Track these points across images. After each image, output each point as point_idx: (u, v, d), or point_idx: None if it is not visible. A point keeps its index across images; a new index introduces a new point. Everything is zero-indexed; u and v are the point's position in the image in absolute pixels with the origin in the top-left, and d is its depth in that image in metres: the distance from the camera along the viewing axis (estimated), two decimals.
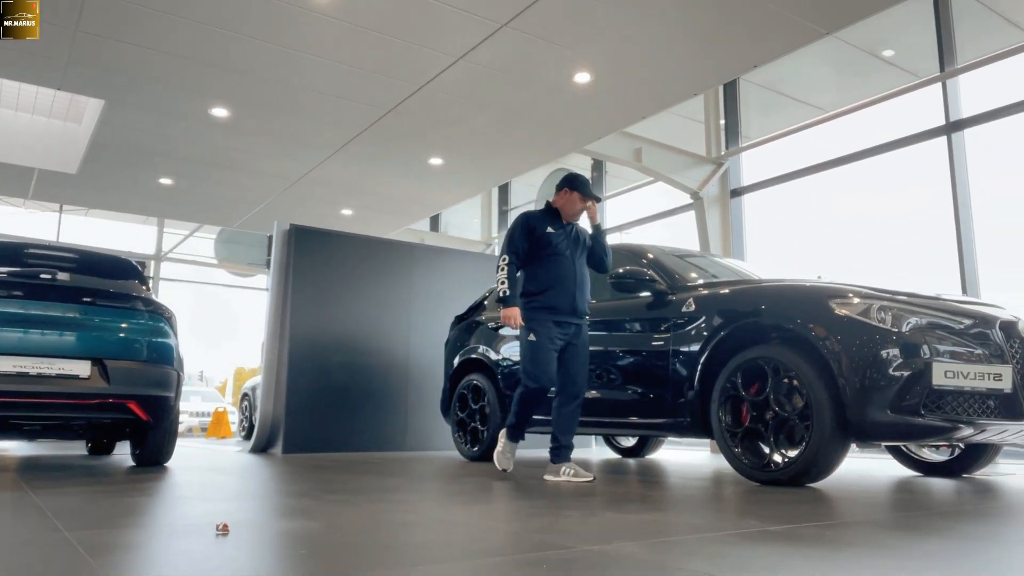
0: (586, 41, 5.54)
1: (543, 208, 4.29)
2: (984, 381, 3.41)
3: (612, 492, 3.31)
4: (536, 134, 7.42)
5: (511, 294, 4.02)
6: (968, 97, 6.62)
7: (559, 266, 4.08)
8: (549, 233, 4.12)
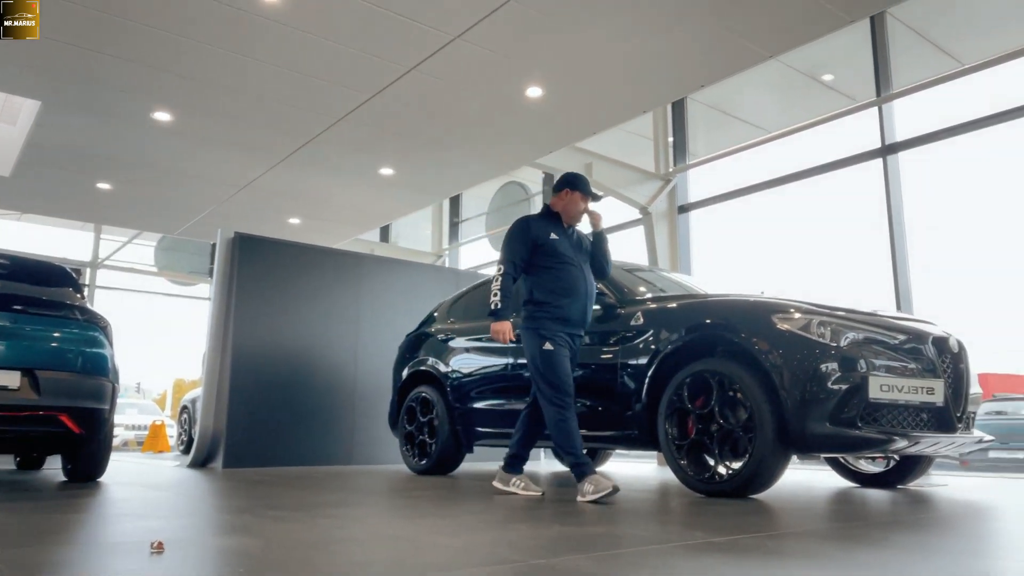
0: (538, 56, 5.59)
1: (541, 212, 4.04)
2: (918, 395, 3.54)
3: (561, 505, 3.31)
4: (488, 146, 7.45)
5: (503, 307, 3.77)
6: (902, 121, 6.91)
7: (570, 276, 3.84)
8: (554, 240, 3.87)
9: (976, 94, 6.54)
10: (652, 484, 4.74)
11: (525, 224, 3.93)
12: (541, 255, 3.85)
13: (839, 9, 4.93)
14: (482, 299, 5.66)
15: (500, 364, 5.04)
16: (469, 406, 5.20)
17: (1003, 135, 6.40)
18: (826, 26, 5.21)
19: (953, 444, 3.70)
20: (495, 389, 5.07)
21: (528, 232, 3.88)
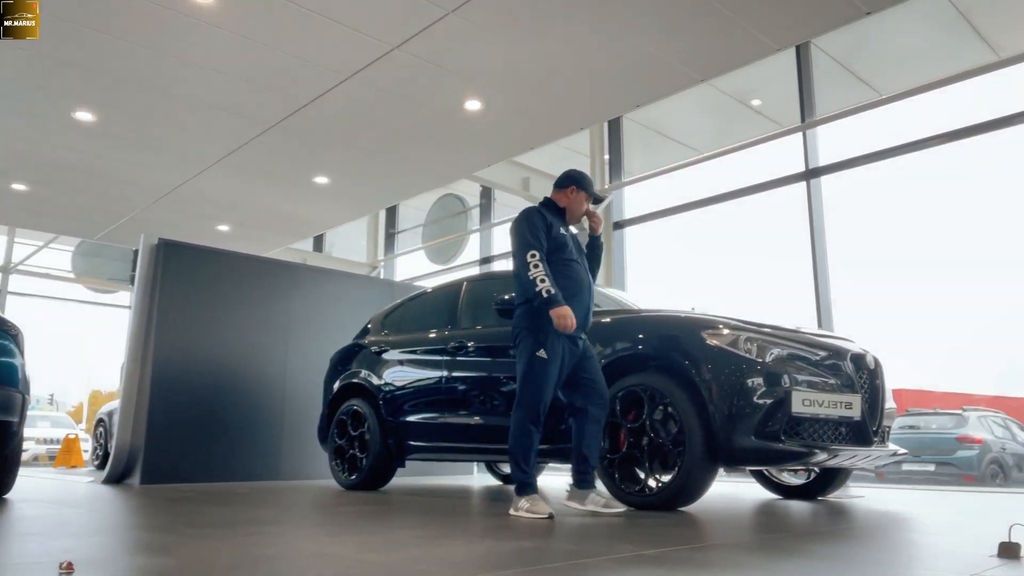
0: (477, 70, 5.62)
1: (545, 205, 3.79)
2: (837, 409, 3.67)
3: (492, 520, 3.29)
4: (426, 158, 7.42)
5: (557, 291, 3.40)
6: (825, 147, 7.23)
7: (576, 275, 3.63)
8: (564, 235, 3.67)
9: (893, 123, 6.91)
10: None
11: (539, 213, 3.65)
12: (553, 250, 3.60)
13: (767, 38, 5.13)
14: (418, 311, 5.62)
15: (435, 377, 5.00)
16: (402, 419, 5.13)
17: (918, 161, 6.77)
18: (755, 53, 5.40)
19: (869, 457, 3.86)
20: (429, 402, 5.02)
21: (544, 220, 3.62)
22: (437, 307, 5.42)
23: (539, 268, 3.44)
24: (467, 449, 4.82)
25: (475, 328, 4.97)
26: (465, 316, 5.14)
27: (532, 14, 4.89)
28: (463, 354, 4.83)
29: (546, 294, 3.39)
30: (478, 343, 4.79)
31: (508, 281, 4.92)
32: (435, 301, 5.52)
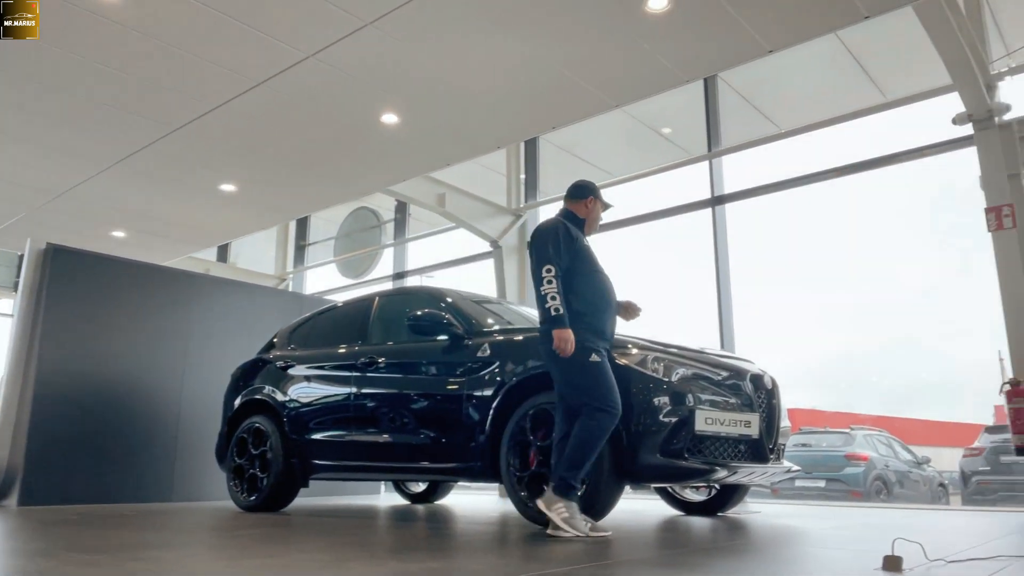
0: (395, 84, 5.57)
1: (565, 216, 3.75)
2: (736, 427, 3.81)
3: (399, 539, 3.22)
4: (340, 169, 7.28)
5: (564, 312, 3.35)
6: (729, 176, 7.56)
7: (605, 286, 3.62)
8: (587, 246, 3.68)
9: (792, 156, 7.31)
10: (492, 516, 4.74)
11: (564, 227, 3.61)
12: (580, 261, 3.57)
13: (678, 69, 5.34)
14: (327, 326, 5.48)
15: (344, 393, 4.87)
16: (308, 437, 4.97)
17: (815, 193, 7.18)
18: (666, 83, 5.60)
19: (766, 473, 4.02)
20: (337, 420, 4.88)
21: (569, 234, 3.60)
22: (347, 322, 5.30)
23: (552, 285, 3.39)
24: (375, 468, 4.71)
25: (387, 344, 4.90)
26: (376, 332, 5.05)
27: (452, 31, 4.91)
28: (373, 370, 4.74)
29: (554, 312, 3.35)
30: (390, 359, 4.71)
31: (421, 297, 4.88)
32: (345, 316, 5.40)
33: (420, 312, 4.43)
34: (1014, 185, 5.52)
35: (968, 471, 11.19)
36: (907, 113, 6.56)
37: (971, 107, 5.71)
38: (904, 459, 11.80)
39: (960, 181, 5.81)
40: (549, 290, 3.39)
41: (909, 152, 6.43)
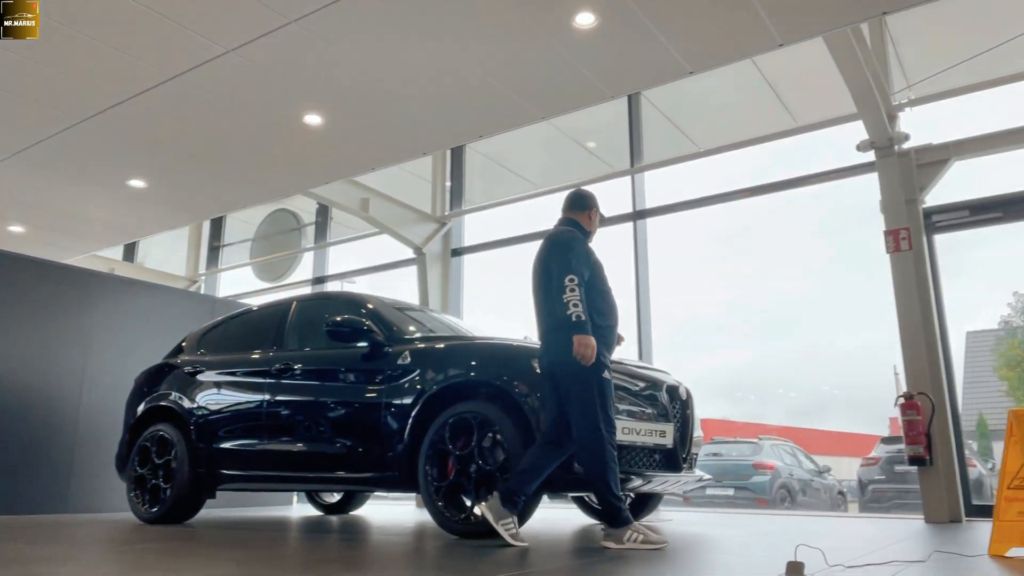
0: (319, 84, 5.46)
1: (574, 227, 3.70)
2: (652, 437, 3.89)
3: (310, 552, 3.12)
4: (259, 169, 7.06)
5: (587, 319, 3.35)
6: (651, 191, 7.75)
7: (613, 300, 3.63)
8: (599, 261, 3.65)
9: (711, 174, 7.56)
10: (408, 527, 4.67)
11: (582, 240, 3.60)
12: (596, 276, 3.56)
13: (603, 85, 5.44)
14: (241, 330, 5.28)
15: (256, 401, 4.71)
16: (216, 446, 4.77)
17: (732, 210, 7.44)
18: (591, 98, 5.70)
19: (680, 482, 4.12)
20: (249, 428, 4.71)
21: (587, 247, 3.59)
22: (263, 327, 5.14)
23: (575, 293, 3.36)
24: (289, 478, 4.57)
25: (304, 350, 4.77)
26: (293, 337, 4.91)
27: (380, 35, 4.85)
28: (289, 377, 4.60)
29: (576, 319, 3.32)
30: (306, 366, 4.59)
31: (341, 303, 4.78)
32: (260, 320, 5.23)
33: (340, 318, 4.33)
34: (911, 210, 5.88)
35: (865, 480, 11.81)
36: (821, 137, 6.90)
37: (874, 135, 6.06)
38: (807, 468, 12.35)
39: (868, 203, 6.15)
40: (572, 298, 3.35)
41: (819, 175, 6.76)
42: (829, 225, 40.82)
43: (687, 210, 7.50)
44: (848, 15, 4.55)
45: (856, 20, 4.69)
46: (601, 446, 3.29)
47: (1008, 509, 3.12)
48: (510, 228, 8.74)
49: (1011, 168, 6.03)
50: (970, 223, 5.93)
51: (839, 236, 40.49)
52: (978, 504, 5.55)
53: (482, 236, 8.97)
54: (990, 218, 5.90)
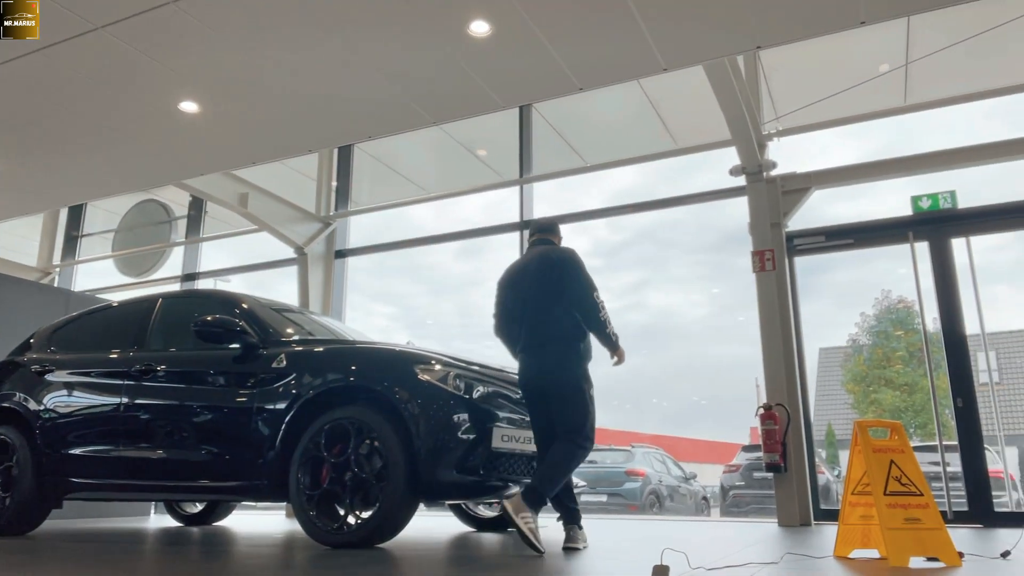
0: (197, 71, 5.17)
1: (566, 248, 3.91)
2: (530, 445, 3.94)
3: (166, 567, 2.92)
4: (127, 156, 6.59)
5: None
6: (539, 203, 7.89)
7: None
8: None
9: (598, 189, 7.79)
10: (277, 538, 4.48)
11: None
12: None
13: (496, 94, 5.48)
14: (98, 327, 4.90)
15: (112, 404, 4.38)
16: (65, 452, 4.40)
17: (613, 225, 7.69)
18: (484, 107, 5.72)
19: None
20: (103, 433, 4.37)
21: None
22: (123, 324, 4.79)
23: (607, 311, 3.72)
24: (147, 487, 4.27)
25: (169, 351, 4.48)
26: (157, 337, 4.61)
27: (267, 25, 4.65)
28: (151, 379, 4.31)
29: (615, 335, 3.74)
30: (171, 367, 4.32)
31: (214, 302, 4.53)
32: (121, 317, 4.88)
33: (210, 317, 4.11)
34: (775, 233, 6.30)
35: (727, 485, 12.49)
36: (704, 159, 7.27)
37: (745, 161, 6.45)
38: (675, 475, 12.91)
39: (740, 225, 6.52)
40: (607, 315, 3.71)
41: (696, 195, 7.12)
42: (704, 243, 43.13)
43: (573, 222, 7.69)
44: (727, 46, 4.83)
45: (734, 51, 4.98)
46: (582, 452, 3.60)
47: (852, 513, 3.39)
48: (399, 231, 8.63)
49: (863, 199, 6.60)
50: (826, 247, 6.43)
51: (713, 254, 42.87)
52: (826, 508, 6.00)
53: (369, 238, 8.81)
54: (843, 244, 6.43)
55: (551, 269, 3.71)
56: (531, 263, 3.80)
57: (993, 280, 27.07)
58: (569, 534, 3.67)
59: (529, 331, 3.68)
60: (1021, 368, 25.27)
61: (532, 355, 3.67)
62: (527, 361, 3.70)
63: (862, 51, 6.68)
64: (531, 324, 3.67)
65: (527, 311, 3.69)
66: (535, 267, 3.76)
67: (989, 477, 5.61)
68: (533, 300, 3.68)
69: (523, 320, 3.70)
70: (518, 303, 3.74)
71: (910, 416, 22.61)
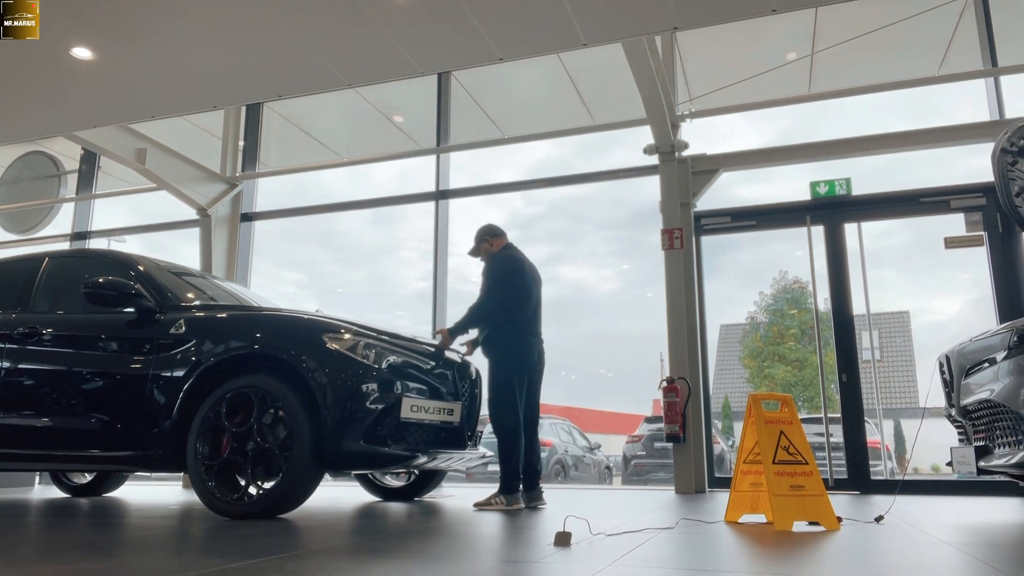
0: (91, 14, 4.80)
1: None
2: (440, 415, 3.94)
3: (52, 539, 2.77)
4: (13, 104, 6.07)
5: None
6: (455, 173, 7.81)
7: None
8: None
9: (515, 161, 7.79)
10: (173, 510, 4.33)
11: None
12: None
13: (415, 60, 5.36)
14: None
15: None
16: None
17: (529, 198, 7.72)
18: (401, 72, 5.59)
19: (463, 459, 4.22)
20: None
21: None
22: (4, 284, 4.47)
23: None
24: (30, 456, 4.02)
25: (55, 313, 4.21)
26: (42, 299, 4.32)
27: None
28: (35, 343, 4.05)
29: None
30: (57, 331, 4.06)
31: (107, 263, 4.28)
32: (2, 277, 4.54)
33: (102, 279, 3.88)
34: (684, 212, 6.49)
35: (629, 455, 12.94)
36: (620, 136, 7.38)
37: (658, 140, 6.59)
38: (581, 445, 13.26)
39: (651, 203, 6.68)
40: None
41: (610, 172, 7.23)
42: (617, 220, 44.02)
43: (489, 194, 7.67)
44: (646, 25, 4.89)
45: (653, 31, 5.05)
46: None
47: (743, 481, 3.57)
48: (310, 196, 8.38)
49: (767, 183, 6.88)
50: (731, 228, 6.69)
51: (625, 231, 43.81)
52: (720, 476, 6.32)
53: (279, 202, 8.51)
54: (747, 225, 6.70)
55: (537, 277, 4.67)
56: (531, 265, 4.64)
57: (881, 264, 28.96)
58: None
59: (534, 321, 4.52)
60: (900, 347, 27.29)
61: (536, 340, 4.51)
62: (534, 344, 4.46)
63: (772, 40, 6.92)
64: (535, 316, 4.53)
65: (535, 304, 4.53)
66: (535, 270, 4.65)
67: (868, 447, 6.04)
68: (536, 297, 4.55)
69: (533, 311, 4.50)
70: (532, 296, 4.49)
71: (799, 390, 24.06)
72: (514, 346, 4.31)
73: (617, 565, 2.10)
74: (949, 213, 6.16)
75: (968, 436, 3.95)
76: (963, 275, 27.15)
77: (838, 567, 2.14)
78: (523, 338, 4.37)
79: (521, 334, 4.37)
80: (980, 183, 6.03)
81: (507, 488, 4.19)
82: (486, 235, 4.65)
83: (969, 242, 6.04)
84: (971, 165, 6.36)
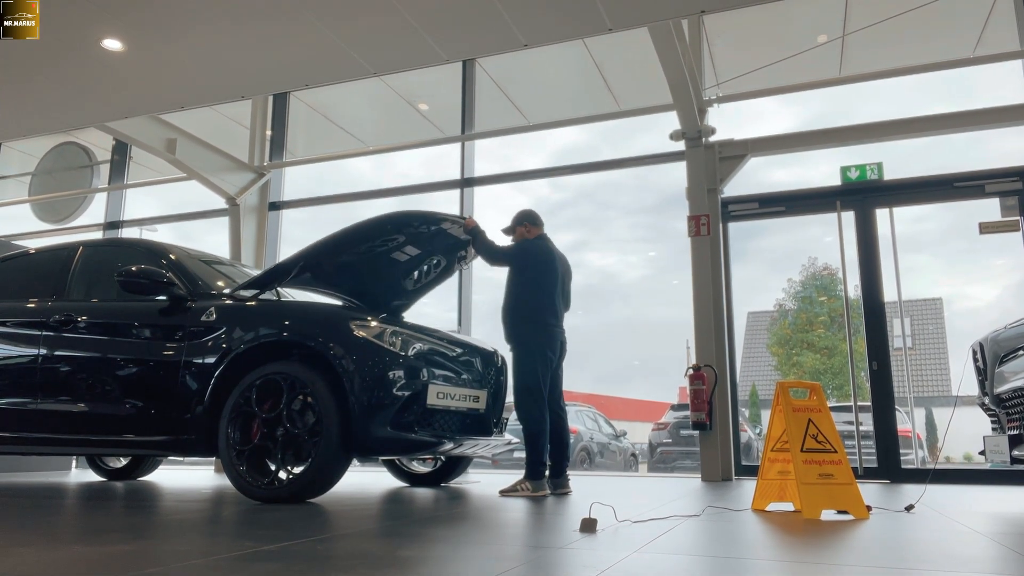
0: (117, 5, 4.87)
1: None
2: (466, 402, 3.97)
3: (88, 521, 2.85)
4: (45, 95, 6.20)
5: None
6: (480, 159, 7.81)
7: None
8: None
9: (541, 148, 7.74)
10: (205, 494, 4.42)
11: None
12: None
13: (440, 48, 5.36)
14: (13, 275, 4.66)
15: (30, 355, 4.21)
16: None
17: (555, 185, 7.69)
18: (426, 60, 5.59)
19: (489, 446, 4.24)
20: (19, 385, 4.23)
21: None
22: (41, 273, 4.57)
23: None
24: (67, 441, 4.13)
25: (90, 301, 4.30)
26: (78, 287, 4.42)
27: None
28: (71, 330, 4.14)
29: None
30: (92, 319, 4.15)
31: (140, 252, 4.36)
32: (39, 265, 4.65)
33: (135, 267, 3.95)
34: (711, 198, 6.43)
35: (655, 443, 12.91)
36: (645, 122, 7.31)
37: (685, 126, 6.52)
38: (606, 432, 13.25)
39: (678, 189, 6.62)
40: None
41: (637, 159, 7.18)
42: (643, 206, 43.66)
43: (514, 181, 7.66)
44: (673, 8, 4.82)
45: (680, 14, 4.98)
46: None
47: (770, 469, 3.55)
48: (338, 185, 8.43)
49: (797, 167, 6.78)
50: (759, 214, 6.61)
51: (651, 217, 43.45)
52: (747, 464, 6.28)
53: (306, 191, 8.58)
54: (775, 211, 6.61)
55: (567, 268, 4.71)
56: (561, 256, 4.66)
57: (914, 250, 28.41)
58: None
59: (559, 312, 4.56)
60: (932, 334, 26.80)
61: (559, 331, 4.52)
62: (556, 334, 4.47)
63: (801, 22, 6.79)
64: (560, 307, 4.57)
65: (561, 296, 4.58)
66: (561, 260, 4.63)
67: (898, 436, 5.96)
68: (562, 286, 4.58)
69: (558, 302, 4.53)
70: (557, 287, 4.51)
71: (828, 378, 23.77)
72: (538, 335, 4.32)
73: (643, 551, 2.10)
74: (984, 198, 6.02)
75: (1002, 424, 3.88)
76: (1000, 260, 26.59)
77: (867, 556, 2.12)
78: (547, 328, 4.38)
79: (544, 323, 4.38)
80: (1016, 167, 5.89)
81: (533, 474, 4.21)
82: (525, 219, 4.64)
83: (1005, 227, 5.91)
84: (1008, 147, 6.21)
